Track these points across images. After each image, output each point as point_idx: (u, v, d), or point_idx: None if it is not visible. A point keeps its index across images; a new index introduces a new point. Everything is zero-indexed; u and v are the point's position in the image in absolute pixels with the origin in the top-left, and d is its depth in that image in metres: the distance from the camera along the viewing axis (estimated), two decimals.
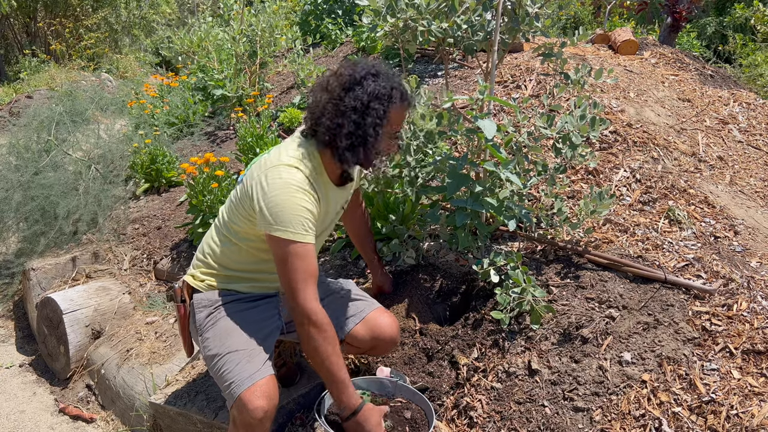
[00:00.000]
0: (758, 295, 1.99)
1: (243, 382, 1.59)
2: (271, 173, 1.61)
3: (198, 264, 1.85)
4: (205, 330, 1.74)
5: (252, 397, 1.57)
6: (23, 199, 3.58)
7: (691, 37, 8.12)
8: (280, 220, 1.56)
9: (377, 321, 1.91)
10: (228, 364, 1.64)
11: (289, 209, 1.57)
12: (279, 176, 1.59)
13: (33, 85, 8.28)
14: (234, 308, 1.77)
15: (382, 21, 2.16)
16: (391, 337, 1.91)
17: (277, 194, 1.57)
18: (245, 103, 4.44)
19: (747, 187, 2.94)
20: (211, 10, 13.22)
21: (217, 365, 1.66)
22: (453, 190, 1.96)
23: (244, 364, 1.63)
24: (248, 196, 1.65)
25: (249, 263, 1.79)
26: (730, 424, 1.60)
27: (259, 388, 1.58)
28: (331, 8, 6.01)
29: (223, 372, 1.64)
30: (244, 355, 1.65)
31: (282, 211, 1.56)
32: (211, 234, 1.86)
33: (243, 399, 1.57)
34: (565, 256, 2.28)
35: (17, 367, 3.07)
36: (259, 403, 1.56)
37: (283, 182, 1.58)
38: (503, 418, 1.82)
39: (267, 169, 1.63)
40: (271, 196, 1.57)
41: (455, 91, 3.77)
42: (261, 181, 1.61)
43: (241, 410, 1.57)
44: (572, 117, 2.14)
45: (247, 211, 1.67)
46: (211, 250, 1.82)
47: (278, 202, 1.57)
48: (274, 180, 1.59)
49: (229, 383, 1.61)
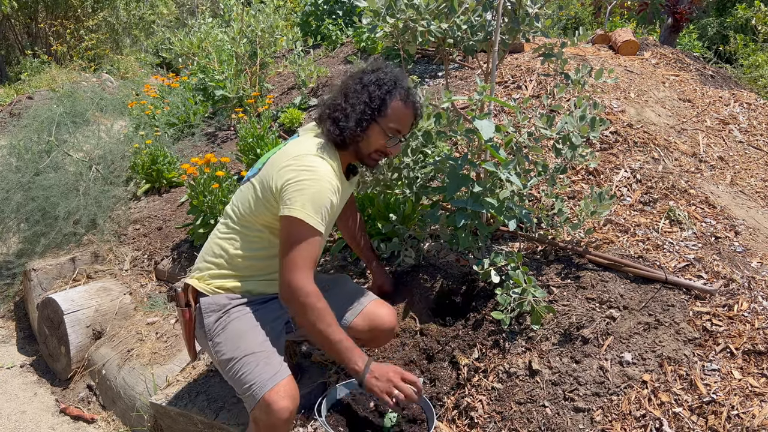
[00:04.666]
0: (759, 295, 1.99)
1: (265, 384, 1.59)
2: (301, 160, 1.65)
3: (207, 266, 1.81)
4: (216, 335, 1.72)
5: (277, 398, 1.57)
6: (24, 200, 3.58)
7: (692, 38, 8.12)
8: (301, 202, 1.58)
9: (375, 312, 1.93)
10: (246, 366, 1.63)
11: (313, 194, 1.60)
12: (311, 163, 1.64)
13: (34, 85, 8.29)
14: (243, 311, 1.75)
15: (382, 22, 2.16)
16: (389, 327, 1.94)
17: (305, 179, 1.61)
18: (246, 103, 4.44)
19: (747, 188, 2.94)
20: (211, 10, 13.24)
21: (234, 368, 1.65)
22: (453, 190, 1.96)
23: (264, 366, 1.62)
24: (270, 183, 1.66)
25: (263, 258, 1.78)
26: (730, 424, 1.60)
27: (283, 389, 1.59)
28: (331, 9, 6.01)
29: (241, 375, 1.63)
30: (261, 357, 1.64)
31: (305, 194, 1.59)
32: (219, 234, 1.83)
33: (268, 400, 1.57)
34: (565, 256, 2.28)
35: (18, 367, 3.07)
36: (285, 404, 1.57)
37: (313, 169, 1.63)
38: (504, 418, 1.82)
39: (294, 157, 1.66)
40: (299, 180, 1.61)
41: (456, 91, 3.77)
42: (289, 166, 1.64)
43: (266, 411, 1.57)
44: (572, 117, 2.14)
45: (267, 198, 1.68)
46: (223, 250, 1.79)
47: (305, 187, 1.60)
48: (303, 165, 1.63)
49: (250, 385, 1.60)
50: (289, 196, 1.60)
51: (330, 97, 1.80)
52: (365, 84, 1.74)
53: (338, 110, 1.74)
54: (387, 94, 1.72)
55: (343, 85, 1.80)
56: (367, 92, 1.72)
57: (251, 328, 1.72)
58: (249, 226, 1.76)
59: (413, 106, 1.78)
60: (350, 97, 1.74)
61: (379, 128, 1.73)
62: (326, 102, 1.80)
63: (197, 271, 1.84)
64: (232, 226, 1.80)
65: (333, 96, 1.79)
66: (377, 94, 1.72)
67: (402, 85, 1.76)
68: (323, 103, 1.82)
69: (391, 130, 1.74)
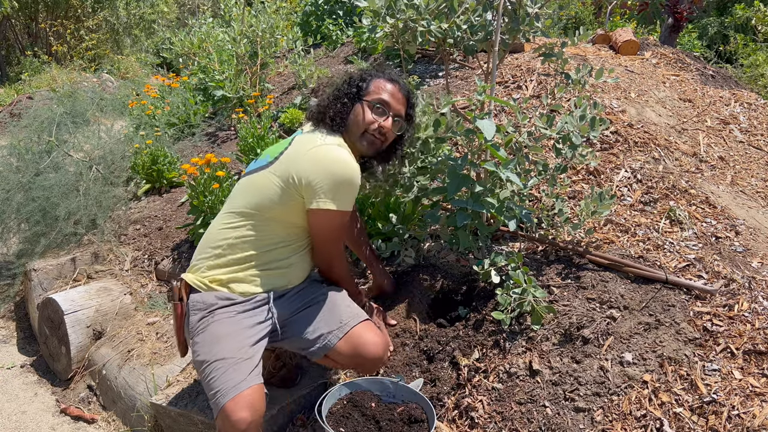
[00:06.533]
0: (759, 295, 1.99)
1: (227, 392, 1.56)
2: (322, 149, 1.71)
3: (206, 257, 1.79)
4: (196, 334, 1.71)
5: (235, 408, 1.54)
6: (24, 200, 3.58)
7: (692, 38, 8.12)
8: (337, 193, 1.69)
9: (362, 337, 1.80)
10: (214, 372, 1.61)
11: (342, 182, 1.69)
12: (332, 150, 1.71)
13: (34, 86, 8.30)
14: (227, 314, 1.72)
15: (382, 22, 2.16)
16: (374, 356, 1.80)
17: (334, 169, 1.68)
18: (246, 103, 4.44)
19: (748, 188, 2.94)
20: (212, 11, 13.24)
21: (205, 372, 1.63)
22: (453, 190, 1.96)
23: (231, 374, 1.59)
24: (294, 177, 1.70)
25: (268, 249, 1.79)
26: (731, 424, 1.60)
27: (243, 399, 1.55)
28: (331, 9, 6.01)
29: (209, 380, 1.61)
30: (230, 364, 1.61)
31: (340, 185, 1.69)
32: (222, 225, 1.81)
33: (226, 410, 1.54)
34: (565, 256, 2.28)
35: (18, 367, 3.07)
36: (242, 415, 1.53)
37: (337, 156, 1.70)
38: (504, 418, 1.82)
39: (312, 148, 1.72)
40: (328, 171, 1.68)
41: (456, 91, 3.77)
42: (312, 158, 1.69)
43: (224, 421, 1.55)
44: (572, 117, 2.14)
45: (290, 193, 1.71)
46: (225, 240, 1.77)
47: (334, 178, 1.68)
48: (327, 154, 1.70)
49: (215, 392, 1.58)
50: (321, 188, 1.68)
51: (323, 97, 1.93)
52: (350, 76, 1.90)
53: (326, 101, 1.88)
54: (368, 76, 1.88)
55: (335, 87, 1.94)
56: (348, 76, 1.90)
57: (229, 334, 1.68)
58: (260, 216, 1.76)
59: (398, 84, 1.90)
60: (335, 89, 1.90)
61: (362, 106, 1.84)
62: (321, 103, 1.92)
63: (194, 265, 1.83)
64: (239, 214, 1.78)
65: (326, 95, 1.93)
66: (357, 76, 1.88)
67: (384, 71, 1.91)
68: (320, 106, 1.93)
69: (374, 100, 1.83)
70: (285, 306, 1.85)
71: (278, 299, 1.83)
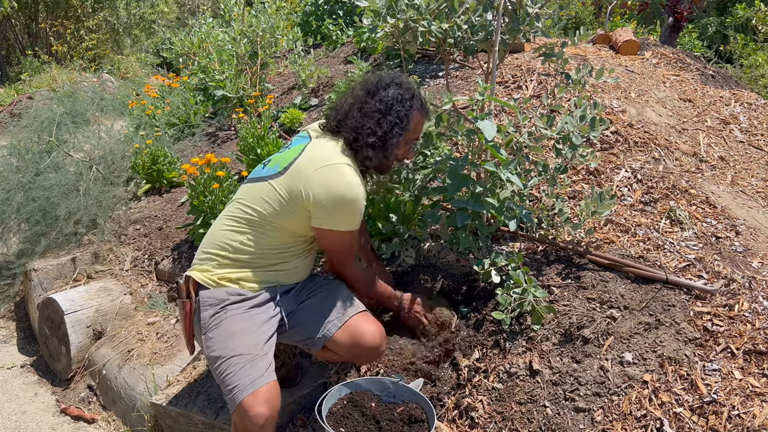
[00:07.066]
0: (760, 295, 1.99)
1: (245, 388, 1.59)
2: (332, 171, 1.70)
3: (211, 258, 1.81)
4: (210, 329, 1.73)
5: (254, 403, 1.56)
6: (24, 200, 3.58)
7: (693, 38, 8.12)
8: (345, 218, 1.74)
9: (360, 327, 1.85)
10: (231, 367, 1.63)
11: (353, 207, 1.72)
12: (343, 175, 1.70)
13: (34, 86, 8.30)
14: (240, 309, 1.75)
15: (382, 22, 2.16)
16: (371, 344, 1.84)
17: (343, 194, 1.70)
18: (246, 103, 4.44)
19: (748, 188, 2.94)
20: (212, 11, 13.24)
21: (220, 368, 1.65)
22: (454, 190, 1.96)
23: (248, 369, 1.62)
24: (302, 192, 1.70)
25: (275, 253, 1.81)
26: (731, 424, 1.60)
27: (261, 395, 1.58)
28: (332, 9, 6.01)
29: (225, 376, 1.63)
30: (247, 360, 1.64)
31: (348, 210, 1.72)
32: (226, 227, 1.82)
33: (244, 405, 1.57)
34: (566, 256, 2.28)
35: (19, 367, 3.07)
36: (261, 410, 1.56)
37: (347, 183, 1.70)
38: (504, 418, 1.82)
39: (323, 167, 1.71)
40: (338, 195, 1.69)
41: (456, 91, 3.77)
42: (322, 176, 1.69)
43: (242, 417, 1.57)
44: (572, 117, 2.14)
45: (295, 206, 1.72)
46: (231, 243, 1.79)
47: (344, 202, 1.70)
48: (338, 179, 1.70)
49: (232, 387, 1.61)
50: (329, 211, 1.70)
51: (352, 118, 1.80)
52: (388, 104, 1.79)
53: (370, 134, 1.78)
54: (410, 110, 1.81)
55: (359, 100, 1.82)
56: (395, 113, 1.79)
57: (244, 329, 1.71)
58: (266, 225, 1.77)
59: (427, 113, 1.90)
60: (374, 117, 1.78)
61: (404, 142, 1.84)
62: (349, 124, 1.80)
63: (198, 263, 1.84)
64: (245, 221, 1.79)
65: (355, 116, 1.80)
66: (403, 113, 1.80)
67: (418, 96, 1.85)
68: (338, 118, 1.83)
69: (412, 140, 1.86)
70: (290, 300, 1.90)
71: (285, 294, 1.88)
